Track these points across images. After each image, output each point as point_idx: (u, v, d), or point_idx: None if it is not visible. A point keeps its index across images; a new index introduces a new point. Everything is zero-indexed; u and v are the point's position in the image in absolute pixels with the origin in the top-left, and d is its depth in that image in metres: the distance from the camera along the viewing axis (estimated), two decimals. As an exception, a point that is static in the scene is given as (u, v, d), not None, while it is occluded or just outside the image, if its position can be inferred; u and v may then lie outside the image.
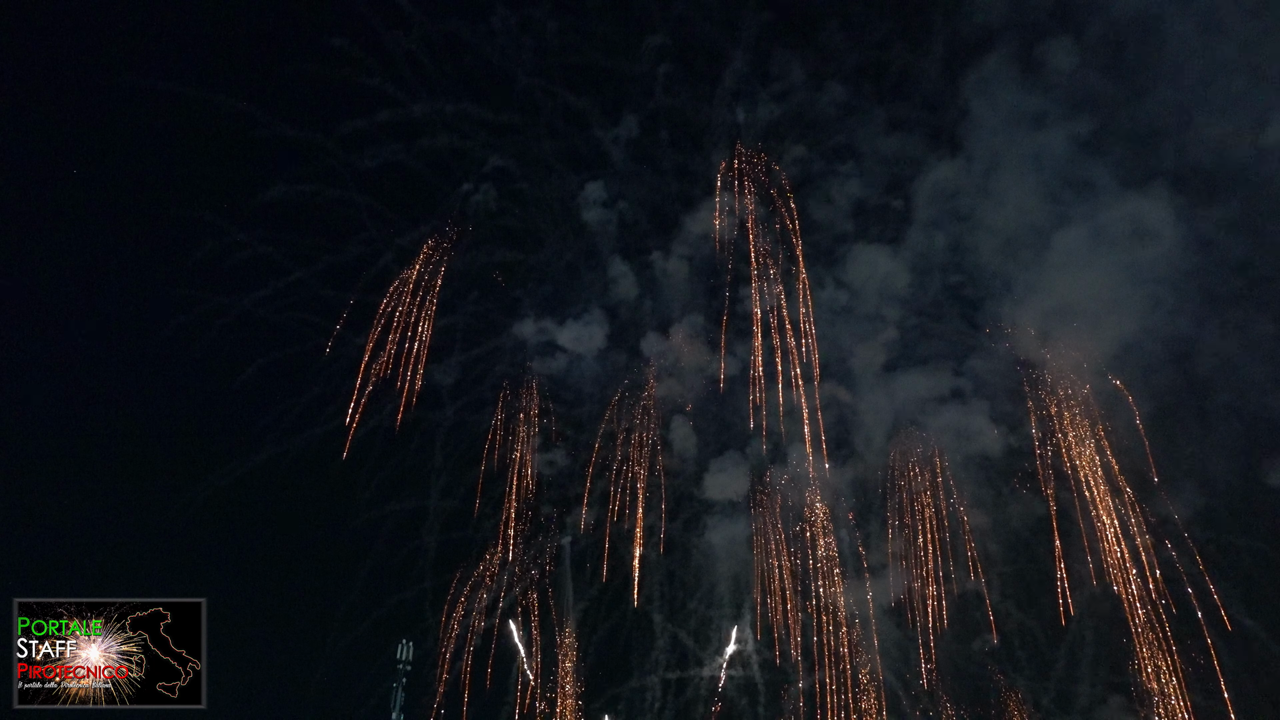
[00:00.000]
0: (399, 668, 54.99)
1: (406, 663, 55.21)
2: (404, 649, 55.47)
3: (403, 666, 55.02)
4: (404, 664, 55.12)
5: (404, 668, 55.03)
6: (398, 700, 53.79)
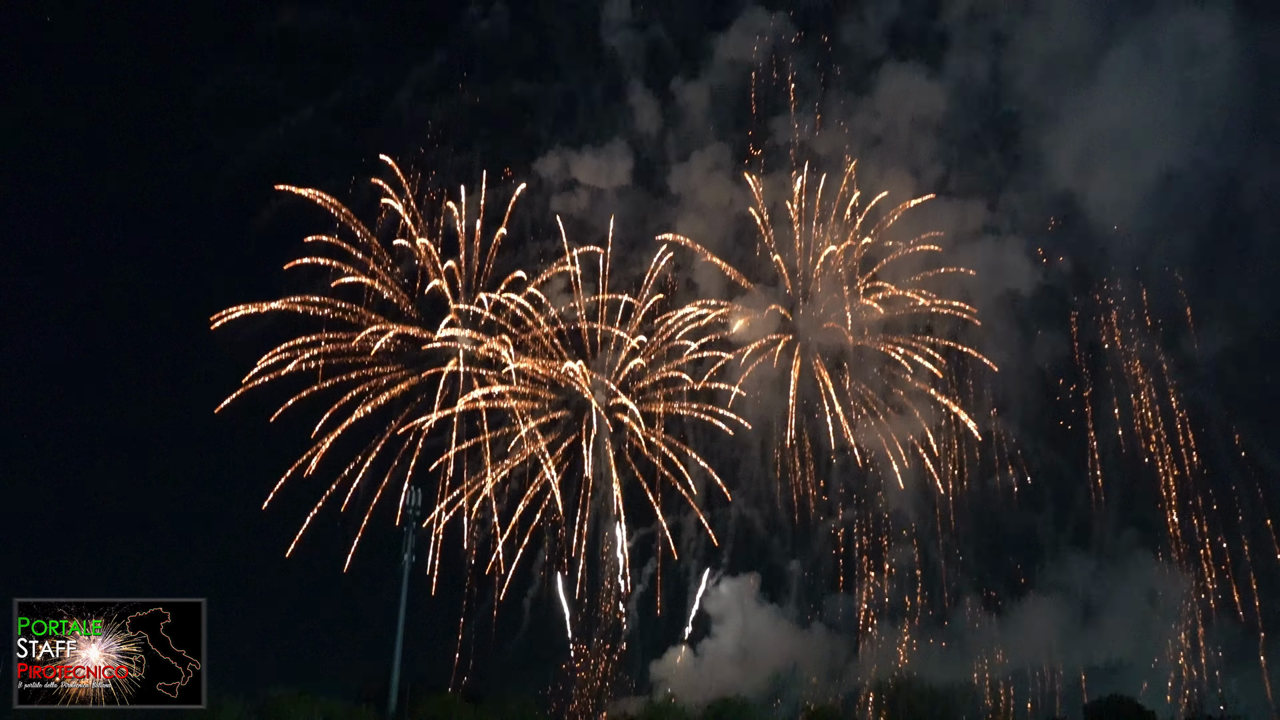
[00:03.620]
0: (408, 513, 56.84)
1: (415, 508, 56.96)
2: (413, 495, 57.51)
3: (412, 512, 56.80)
4: (413, 510, 56.90)
5: (413, 513, 56.79)
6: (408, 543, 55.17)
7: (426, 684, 61.92)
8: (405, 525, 55.81)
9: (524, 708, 57.31)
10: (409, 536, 55.03)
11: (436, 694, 58.70)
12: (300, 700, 49.65)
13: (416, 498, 56.57)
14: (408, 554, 54.58)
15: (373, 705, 53.45)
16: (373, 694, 54.96)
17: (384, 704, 52.44)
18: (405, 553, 54.66)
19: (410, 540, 55.01)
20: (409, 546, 54.87)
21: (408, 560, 54.49)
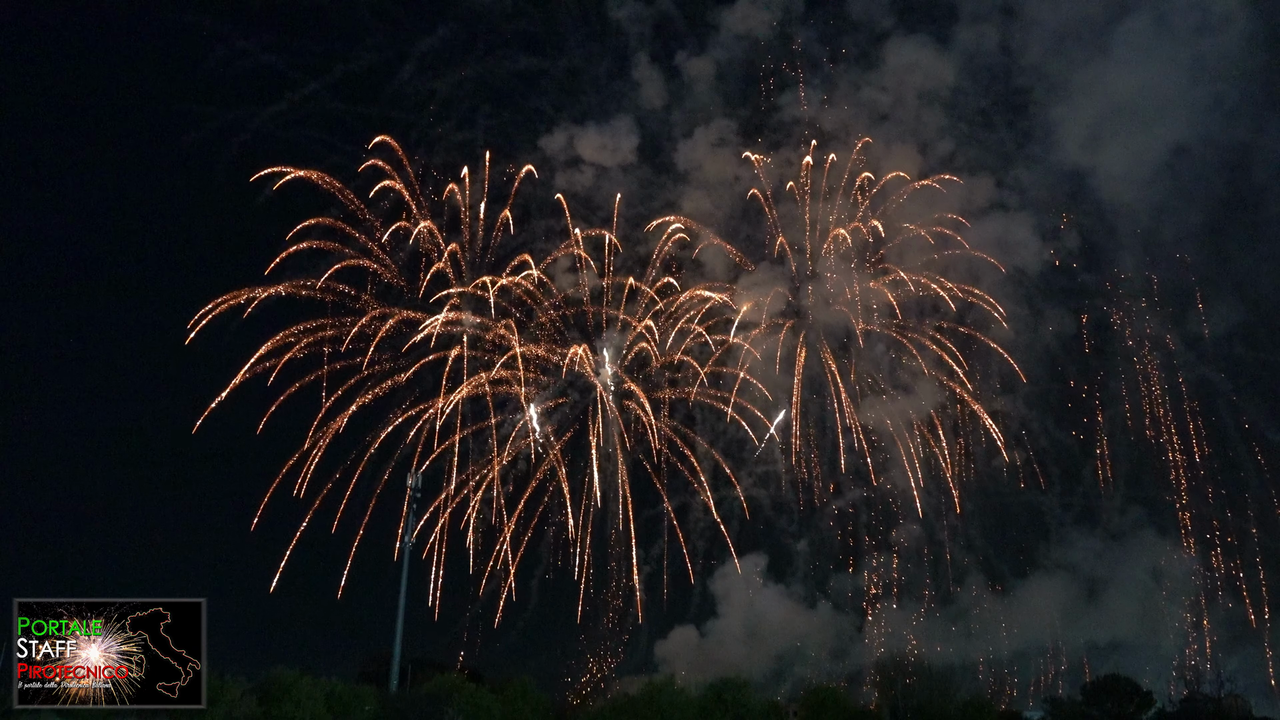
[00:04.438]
0: (410, 494, 57.60)
1: (416, 490, 57.62)
2: (415, 478, 58.05)
3: (413, 494, 57.40)
4: (415, 491, 57.53)
5: (415, 495, 57.50)
6: (409, 524, 56.14)
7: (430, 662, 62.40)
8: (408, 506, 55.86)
9: (524, 687, 57.68)
10: (409, 518, 55.10)
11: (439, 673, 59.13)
12: (301, 680, 49.96)
13: (418, 480, 56.55)
14: (408, 536, 54.66)
15: (374, 685, 53.88)
16: (374, 674, 55.40)
17: (385, 683, 52.82)
18: (406, 534, 54.75)
19: (410, 522, 55.09)
20: (409, 528, 54.93)
21: (408, 542, 54.56)
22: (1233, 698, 70.68)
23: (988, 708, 64.56)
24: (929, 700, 62.66)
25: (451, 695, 54.11)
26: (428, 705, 51.71)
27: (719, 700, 58.51)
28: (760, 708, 60.14)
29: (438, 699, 52.47)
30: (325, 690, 51.03)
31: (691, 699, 58.86)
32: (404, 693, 53.90)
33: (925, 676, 65.39)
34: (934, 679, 65.06)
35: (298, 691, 49.58)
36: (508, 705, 55.34)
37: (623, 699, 62.42)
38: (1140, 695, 69.37)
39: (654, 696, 58.04)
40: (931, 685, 64.15)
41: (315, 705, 48.94)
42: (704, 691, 60.07)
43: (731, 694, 59.16)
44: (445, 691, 54.62)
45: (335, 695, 51.75)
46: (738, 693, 59.46)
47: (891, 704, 63.97)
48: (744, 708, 58.71)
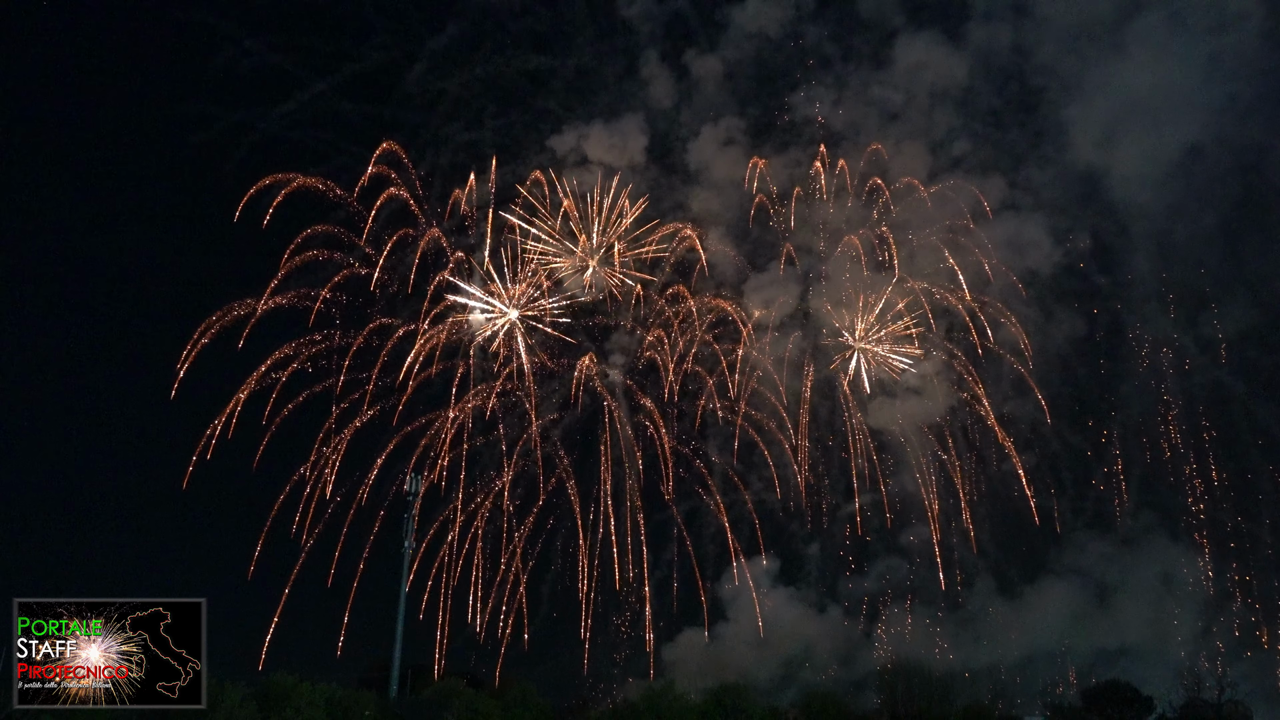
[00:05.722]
0: (408, 499, 57.38)
1: (414, 494, 57.45)
2: (412, 481, 57.71)
3: (411, 498, 57.27)
4: (412, 496, 57.46)
5: (412, 499, 57.40)
6: (409, 528, 55.37)
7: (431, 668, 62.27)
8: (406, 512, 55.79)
9: (524, 692, 57.60)
10: (409, 523, 55.05)
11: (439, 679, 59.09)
12: (301, 685, 49.88)
13: (416, 484, 56.50)
14: (408, 540, 54.61)
15: (374, 690, 53.77)
16: (374, 680, 55.29)
17: (385, 689, 52.70)
18: (406, 539, 54.70)
19: (410, 526, 55.02)
20: (409, 532, 54.88)
21: (408, 546, 54.53)
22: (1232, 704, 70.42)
23: (987, 713, 64.48)
24: (929, 706, 62.62)
25: (451, 700, 54.03)
26: (427, 710, 51.64)
27: (719, 706, 58.39)
28: (761, 713, 59.99)
29: (437, 704, 52.40)
30: (325, 695, 50.92)
31: (692, 705, 58.74)
32: (404, 698, 53.73)
33: (926, 682, 65.24)
34: (934, 685, 64.95)
35: (297, 697, 49.50)
36: (507, 710, 55.25)
37: (623, 705, 62.24)
38: (1140, 700, 69.22)
39: (654, 702, 57.95)
40: (932, 691, 64.08)
41: (315, 711, 48.85)
42: (704, 697, 59.98)
43: (732, 700, 59.04)
44: (445, 697, 54.55)
45: (335, 700, 51.63)
46: (738, 698, 59.34)
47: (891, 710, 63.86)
48: (744, 713, 58.57)
